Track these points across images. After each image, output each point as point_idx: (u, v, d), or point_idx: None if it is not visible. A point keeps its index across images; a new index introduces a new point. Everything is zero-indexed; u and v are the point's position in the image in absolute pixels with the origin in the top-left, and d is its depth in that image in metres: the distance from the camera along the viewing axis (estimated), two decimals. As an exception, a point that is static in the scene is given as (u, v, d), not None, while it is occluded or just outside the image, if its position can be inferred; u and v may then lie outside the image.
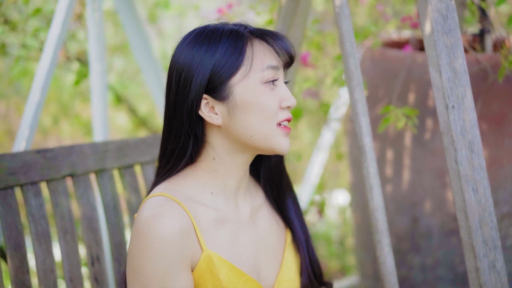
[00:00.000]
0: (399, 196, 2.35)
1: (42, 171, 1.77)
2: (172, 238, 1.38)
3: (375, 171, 1.65)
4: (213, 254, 1.44)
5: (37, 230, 1.74)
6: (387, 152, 2.35)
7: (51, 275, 1.74)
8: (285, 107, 1.47)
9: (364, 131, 1.64)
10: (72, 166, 1.84)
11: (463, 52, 1.53)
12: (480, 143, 1.53)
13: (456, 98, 1.51)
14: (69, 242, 1.80)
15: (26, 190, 1.74)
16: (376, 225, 1.65)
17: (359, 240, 2.61)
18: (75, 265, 1.80)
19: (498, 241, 1.53)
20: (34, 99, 2.36)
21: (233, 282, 1.46)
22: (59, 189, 1.81)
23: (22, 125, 2.36)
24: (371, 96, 2.37)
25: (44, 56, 2.38)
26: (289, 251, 1.64)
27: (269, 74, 1.45)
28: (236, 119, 1.44)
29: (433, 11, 1.50)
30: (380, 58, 2.37)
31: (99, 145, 1.92)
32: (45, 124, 4.07)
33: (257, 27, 1.51)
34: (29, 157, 1.75)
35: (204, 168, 1.50)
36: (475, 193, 1.51)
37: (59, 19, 2.37)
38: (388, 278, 1.66)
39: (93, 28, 2.46)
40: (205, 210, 1.48)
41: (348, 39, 1.61)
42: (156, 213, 1.40)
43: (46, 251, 1.74)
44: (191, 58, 1.44)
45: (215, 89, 1.44)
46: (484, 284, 1.50)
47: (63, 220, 1.80)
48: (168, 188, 1.47)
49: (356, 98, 1.63)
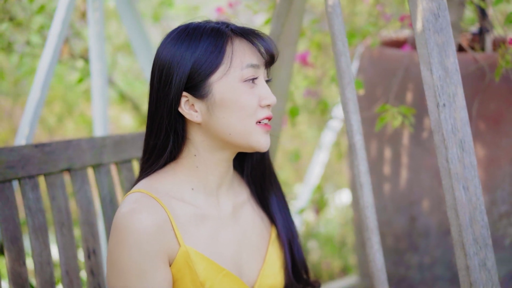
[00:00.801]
0: (397, 195, 2.36)
1: (39, 165, 1.79)
2: (148, 233, 1.40)
3: (365, 169, 1.66)
4: (191, 249, 1.46)
5: (34, 223, 1.76)
6: (385, 151, 2.36)
7: (47, 268, 1.76)
8: (264, 105, 1.48)
9: (355, 129, 1.64)
10: (70, 161, 1.86)
11: (455, 50, 1.53)
12: (472, 142, 1.53)
13: (447, 96, 1.51)
14: (65, 235, 1.82)
15: (24, 183, 1.76)
16: (366, 223, 1.66)
17: (359, 239, 2.61)
18: (71, 258, 1.82)
19: (489, 239, 1.53)
20: (34, 97, 2.38)
21: (211, 277, 1.48)
22: (56, 183, 1.83)
23: (22, 123, 2.38)
24: (369, 95, 2.38)
25: (45, 54, 2.40)
26: (273, 247, 1.65)
27: (248, 73, 1.46)
28: (215, 117, 1.46)
29: (425, 9, 1.50)
30: (378, 57, 2.38)
31: (96, 139, 1.94)
32: (50, 123, 4.09)
33: (240, 25, 1.52)
34: (27, 151, 1.77)
35: (185, 165, 1.52)
36: (465, 192, 1.51)
37: (60, 17, 2.39)
38: (377, 276, 1.67)
39: (93, 27, 2.48)
40: (184, 206, 1.50)
41: (339, 38, 1.61)
42: (132, 208, 1.42)
43: (42, 243, 1.76)
44: (172, 56, 1.46)
45: (195, 87, 1.45)
46: (475, 282, 1.51)
47: (60, 213, 1.82)
48: (148, 184, 1.50)
49: (347, 96, 1.63)
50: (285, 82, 2.03)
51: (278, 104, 2.01)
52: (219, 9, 2.48)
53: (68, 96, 4.00)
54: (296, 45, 1.99)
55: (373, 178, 2.41)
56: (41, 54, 3.00)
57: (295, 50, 2.00)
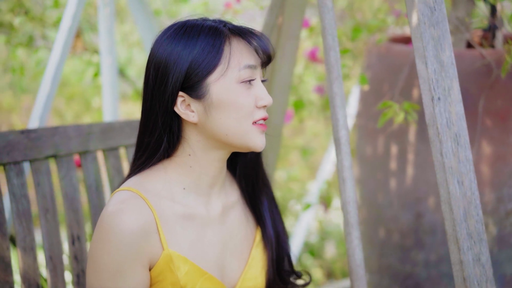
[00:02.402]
0: (403, 192, 2.34)
1: (25, 151, 1.80)
2: (131, 235, 1.40)
3: (349, 164, 1.65)
4: (174, 253, 1.46)
5: (18, 208, 1.76)
6: (391, 148, 2.35)
7: (30, 253, 1.77)
8: (261, 106, 1.47)
9: (341, 124, 1.64)
10: (56, 147, 1.86)
11: (451, 44, 1.53)
12: (467, 136, 1.52)
13: (443, 90, 1.51)
14: (49, 221, 1.83)
15: (9, 169, 1.76)
16: (347, 218, 1.66)
17: (365, 235, 2.61)
18: (55, 244, 1.83)
19: (483, 234, 1.52)
20: (45, 90, 2.41)
21: (192, 280, 1.47)
22: (41, 169, 1.84)
23: (32, 116, 2.42)
24: (376, 91, 2.37)
25: (55, 48, 2.44)
26: (256, 250, 1.65)
27: (245, 74, 1.45)
28: (212, 117, 1.45)
29: (420, 3, 1.50)
30: (385, 53, 2.37)
31: (83, 127, 1.94)
32: (68, 119, 4.14)
33: (237, 24, 1.50)
34: (13, 137, 1.77)
35: (179, 163, 1.51)
36: (460, 186, 1.51)
37: (71, 11, 2.42)
38: (356, 271, 1.67)
39: (103, 23, 2.51)
40: (173, 205, 1.49)
41: (329, 32, 1.61)
42: (119, 209, 1.42)
43: (26, 229, 1.77)
44: (169, 54, 1.44)
45: (192, 87, 1.44)
46: (468, 277, 1.50)
47: (45, 199, 1.83)
48: (138, 182, 1.49)
49: (335, 91, 1.63)
50: (287, 76, 2.03)
51: (280, 98, 2.01)
52: (227, 4, 2.50)
53: (86, 92, 4.05)
54: (298, 39, 1.99)
55: (379, 174, 2.41)
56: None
57: (297, 44, 2.00)
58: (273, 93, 2.08)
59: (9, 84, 4.23)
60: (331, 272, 3.68)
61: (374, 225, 2.49)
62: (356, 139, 2.61)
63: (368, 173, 2.49)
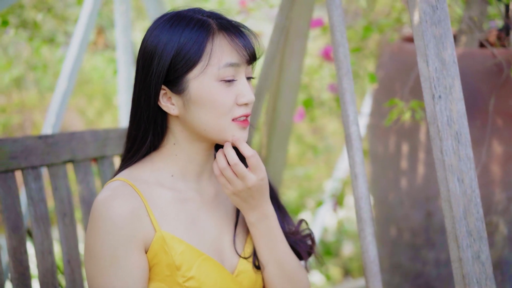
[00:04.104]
0: (414, 191, 2.35)
1: (42, 156, 1.83)
2: (121, 219, 1.43)
3: (360, 160, 1.66)
4: (167, 234, 1.48)
5: (36, 212, 1.80)
6: (402, 146, 2.35)
7: (49, 257, 1.81)
8: (241, 103, 1.48)
9: (351, 120, 1.65)
10: (73, 152, 1.90)
11: (453, 43, 1.53)
12: (468, 134, 1.53)
13: (444, 88, 1.51)
14: (67, 225, 1.87)
15: (27, 174, 1.80)
16: (359, 214, 1.67)
17: (376, 234, 2.61)
18: (73, 248, 1.86)
19: (484, 232, 1.52)
20: (61, 87, 2.45)
21: (188, 261, 1.49)
22: (59, 173, 1.87)
23: (49, 112, 2.46)
24: (388, 90, 2.38)
25: (72, 44, 2.48)
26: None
27: (226, 72, 1.46)
28: (190, 112, 1.47)
29: (421, 1, 1.51)
30: (398, 52, 2.37)
31: (100, 132, 1.98)
32: (90, 117, 4.19)
33: (230, 20, 1.51)
34: (30, 142, 1.81)
35: (165, 153, 1.54)
36: (460, 184, 1.51)
37: (88, 8, 2.46)
38: (370, 267, 1.68)
39: (120, 20, 2.54)
40: (163, 191, 1.52)
41: (338, 29, 1.63)
42: (108, 195, 1.46)
43: (44, 233, 1.80)
44: (155, 46, 1.47)
45: (173, 82, 1.46)
46: (467, 274, 1.50)
47: (62, 203, 1.86)
48: (127, 173, 1.53)
49: (344, 87, 1.64)
50: (296, 74, 2.05)
51: (289, 97, 2.03)
52: (242, 1, 2.52)
53: (107, 90, 4.10)
54: (306, 38, 2.00)
55: (390, 173, 2.41)
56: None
57: (306, 42, 2.01)
58: (281, 91, 2.10)
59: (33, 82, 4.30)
60: (348, 270, 3.69)
61: (385, 223, 2.50)
62: (369, 138, 2.61)
63: (380, 171, 2.49)
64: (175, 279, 1.48)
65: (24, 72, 4.14)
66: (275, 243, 1.59)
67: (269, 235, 1.58)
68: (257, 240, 1.59)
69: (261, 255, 1.60)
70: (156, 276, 1.49)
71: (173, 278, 1.48)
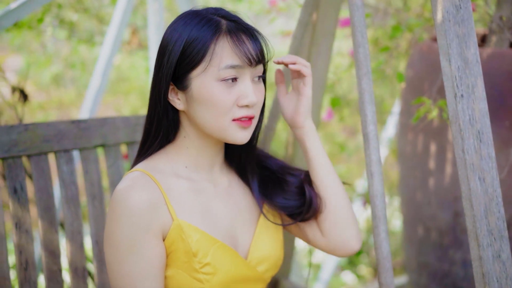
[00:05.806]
0: (441, 190, 2.35)
1: (75, 140, 1.90)
2: (140, 208, 1.48)
3: (377, 158, 1.68)
4: (183, 222, 1.54)
5: (67, 194, 1.88)
6: (430, 146, 2.35)
7: (78, 236, 1.88)
8: (242, 105, 1.52)
9: (369, 119, 1.67)
10: (104, 137, 1.97)
11: (476, 42, 1.54)
12: (490, 133, 1.53)
13: (466, 87, 1.52)
14: (96, 208, 1.94)
15: (59, 157, 1.88)
16: (374, 211, 1.69)
17: (405, 233, 2.61)
18: (101, 229, 1.94)
19: (505, 231, 1.53)
20: (95, 85, 2.51)
21: (204, 248, 1.54)
22: (90, 157, 1.94)
23: (82, 110, 2.52)
24: (417, 89, 2.38)
25: (105, 43, 2.53)
26: (264, 219, 1.71)
27: (226, 73, 1.49)
28: (193, 109, 1.53)
29: (445, 0, 1.51)
30: (427, 52, 2.37)
31: (131, 118, 2.04)
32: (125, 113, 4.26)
33: (243, 21, 1.54)
34: (63, 126, 1.88)
35: (178, 145, 1.60)
36: (481, 183, 1.52)
37: (121, 7, 2.51)
38: (383, 264, 1.70)
39: (153, 17, 2.59)
40: (179, 181, 1.58)
41: (359, 30, 1.64)
42: (128, 185, 1.51)
43: (74, 214, 1.88)
44: (167, 43, 1.53)
45: (178, 78, 1.53)
46: (487, 273, 1.51)
47: (92, 186, 1.94)
48: (145, 164, 1.59)
49: (363, 87, 1.66)
50: (322, 73, 2.06)
51: (315, 95, 2.05)
52: (272, 1, 2.55)
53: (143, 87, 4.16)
54: (333, 36, 2.02)
55: (418, 172, 2.41)
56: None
57: (332, 41, 2.03)
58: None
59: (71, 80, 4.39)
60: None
61: (413, 223, 2.50)
62: (398, 137, 2.62)
63: (408, 171, 2.50)
64: (191, 265, 1.54)
65: (62, 70, 4.23)
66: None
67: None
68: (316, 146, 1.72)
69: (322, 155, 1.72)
70: (173, 263, 1.54)
71: (190, 264, 1.54)
